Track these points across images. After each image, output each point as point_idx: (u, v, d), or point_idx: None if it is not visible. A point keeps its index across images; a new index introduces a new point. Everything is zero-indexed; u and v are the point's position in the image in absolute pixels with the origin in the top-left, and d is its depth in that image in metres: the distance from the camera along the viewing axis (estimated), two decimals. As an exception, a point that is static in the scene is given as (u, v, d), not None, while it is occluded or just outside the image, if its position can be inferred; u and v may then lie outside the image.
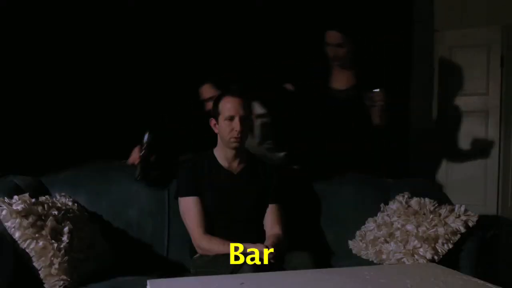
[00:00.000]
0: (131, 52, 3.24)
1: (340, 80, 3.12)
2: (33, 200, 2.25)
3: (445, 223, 2.40)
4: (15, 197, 2.23)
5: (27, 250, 2.09)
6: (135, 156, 2.63)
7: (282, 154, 2.88)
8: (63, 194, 2.52)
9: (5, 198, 2.22)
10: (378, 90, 2.91)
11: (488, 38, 3.69)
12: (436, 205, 2.53)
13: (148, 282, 1.76)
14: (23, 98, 3.07)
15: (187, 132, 2.83)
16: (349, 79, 3.12)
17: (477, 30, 3.73)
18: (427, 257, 2.32)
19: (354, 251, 2.66)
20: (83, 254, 2.23)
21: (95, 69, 3.21)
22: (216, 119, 2.48)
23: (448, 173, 3.85)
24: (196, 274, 2.32)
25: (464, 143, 3.80)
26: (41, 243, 2.09)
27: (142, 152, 2.52)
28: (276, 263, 2.18)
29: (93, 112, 3.17)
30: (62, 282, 2.08)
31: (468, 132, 3.78)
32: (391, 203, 2.68)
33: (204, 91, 2.82)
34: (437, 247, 2.35)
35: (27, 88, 3.09)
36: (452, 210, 2.47)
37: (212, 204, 2.45)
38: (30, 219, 2.12)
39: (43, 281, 2.08)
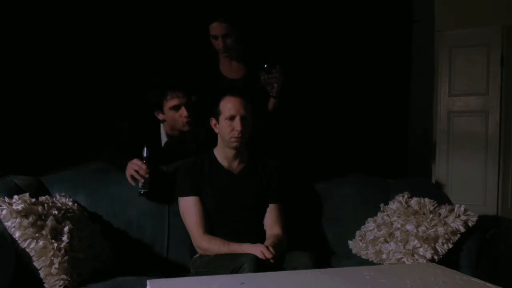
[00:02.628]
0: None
1: (232, 71, 3.02)
2: (33, 200, 2.25)
3: (445, 223, 2.40)
4: (15, 197, 2.23)
5: (27, 250, 2.08)
6: (139, 168, 2.50)
7: None
8: (63, 194, 2.52)
9: (5, 198, 2.22)
10: (270, 65, 2.78)
11: (488, 38, 3.69)
12: (436, 205, 2.53)
13: (148, 282, 1.76)
14: (23, 98, 3.08)
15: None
16: (241, 69, 3.02)
17: (477, 30, 3.73)
18: (427, 257, 2.33)
19: (354, 251, 2.66)
20: (83, 254, 2.23)
21: (94, 70, 3.22)
22: (217, 119, 2.48)
23: (448, 173, 3.85)
24: (196, 274, 2.32)
25: (464, 143, 3.80)
26: (41, 242, 2.09)
27: (145, 166, 2.48)
28: (276, 263, 2.18)
29: (93, 112, 3.17)
30: (62, 281, 2.08)
31: (468, 132, 3.78)
32: (391, 203, 2.68)
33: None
34: (437, 247, 2.35)
35: (27, 89, 3.10)
36: (452, 210, 2.47)
37: (212, 204, 2.45)
38: (30, 219, 2.12)
39: (43, 281, 2.08)
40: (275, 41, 3.41)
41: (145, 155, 2.52)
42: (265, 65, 2.79)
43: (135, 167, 2.50)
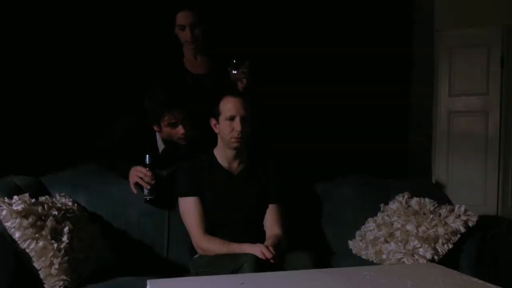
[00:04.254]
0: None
1: (197, 65, 2.96)
2: (33, 200, 2.25)
3: (445, 223, 2.40)
4: (15, 197, 2.23)
5: (27, 250, 2.08)
6: (144, 176, 2.48)
7: None
8: (63, 194, 2.52)
9: (5, 198, 2.21)
10: (239, 61, 2.74)
11: (488, 38, 3.69)
12: (436, 205, 2.53)
13: (148, 282, 1.76)
14: (23, 98, 3.08)
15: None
16: (206, 64, 2.97)
17: (477, 30, 3.73)
18: (427, 257, 2.33)
19: (354, 251, 2.66)
20: (83, 254, 2.23)
21: (93, 68, 3.22)
22: (217, 119, 2.48)
23: (448, 173, 3.86)
24: (196, 274, 2.32)
25: (464, 143, 3.80)
26: (41, 243, 2.09)
27: (151, 173, 2.48)
28: (276, 263, 2.18)
29: (93, 112, 3.17)
30: (62, 282, 2.08)
31: (468, 132, 3.78)
32: (391, 203, 2.68)
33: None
34: (437, 247, 2.35)
35: (27, 89, 3.10)
36: (452, 210, 2.47)
37: (212, 204, 2.44)
38: (30, 219, 2.12)
39: (43, 281, 2.08)
40: (256, 37, 3.39)
41: (148, 162, 2.51)
42: (234, 61, 2.76)
43: (140, 174, 2.49)
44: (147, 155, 2.52)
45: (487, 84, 3.71)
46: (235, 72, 2.78)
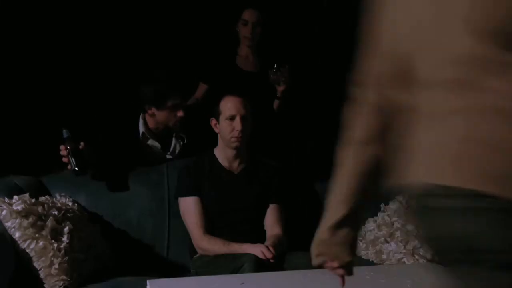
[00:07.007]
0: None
1: (247, 63, 3.06)
2: (33, 200, 2.25)
3: (446, 223, 2.39)
4: (15, 197, 2.23)
5: (27, 250, 2.08)
6: (64, 155, 2.48)
7: None
8: (63, 194, 2.52)
9: (5, 198, 2.21)
10: (279, 66, 2.81)
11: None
12: (436, 205, 2.52)
13: (148, 282, 1.76)
14: (23, 99, 3.08)
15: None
16: (255, 64, 3.07)
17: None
18: (428, 257, 2.32)
19: (354, 251, 2.65)
20: (83, 254, 2.23)
21: (95, 66, 3.22)
22: (217, 119, 2.48)
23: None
24: (196, 274, 2.32)
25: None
26: (41, 243, 2.09)
27: (68, 148, 2.44)
28: (276, 263, 2.18)
29: (94, 112, 3.17)
30: (62, 282, 2.08)
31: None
32: (391, 203, 2.68)
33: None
34: (438, 247, 2.34)
35: (27, 89, 3.10)
36: (452, 210, 2.46)
37: (212, 204, 2.44)
38: (30, 219, 2.12)
39: (43, 281, 2.08)
40: (284, 40, 3.44)
41: (64, 136, 2.46)
42: (275, 65, 2.81)
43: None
44: (63, 130, 2.47)
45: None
46: (275, 75, 2.82)
